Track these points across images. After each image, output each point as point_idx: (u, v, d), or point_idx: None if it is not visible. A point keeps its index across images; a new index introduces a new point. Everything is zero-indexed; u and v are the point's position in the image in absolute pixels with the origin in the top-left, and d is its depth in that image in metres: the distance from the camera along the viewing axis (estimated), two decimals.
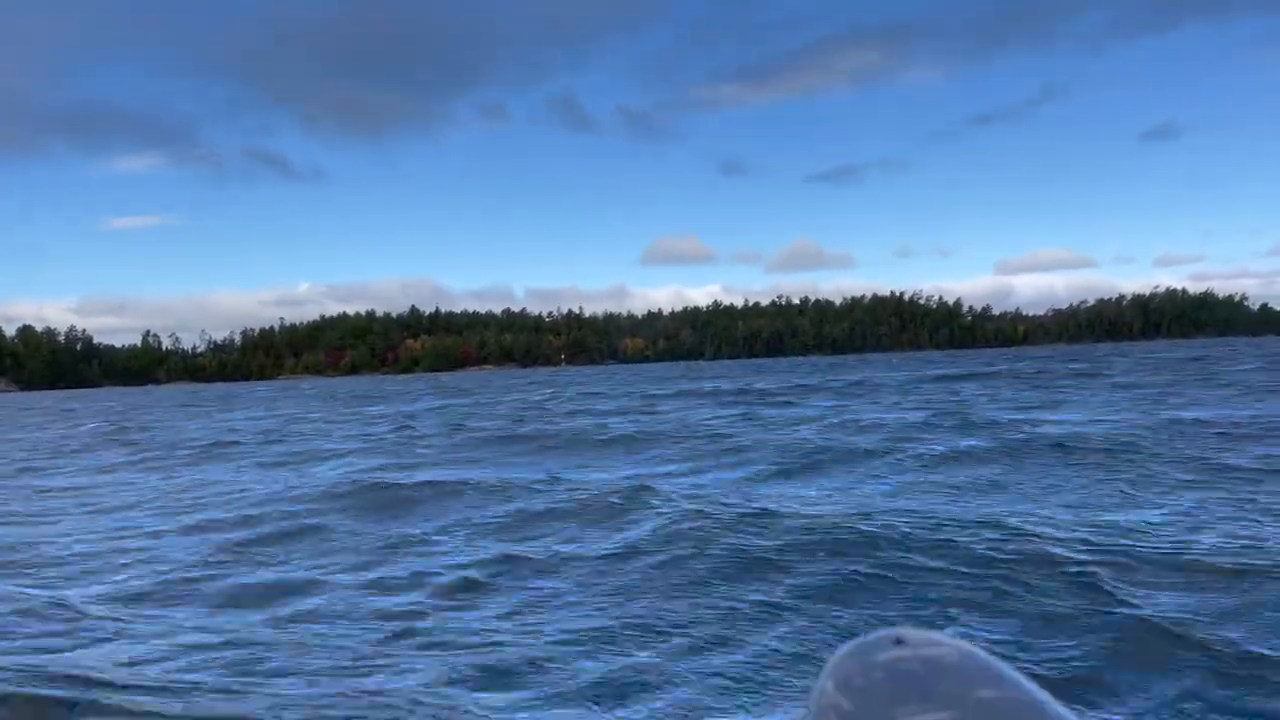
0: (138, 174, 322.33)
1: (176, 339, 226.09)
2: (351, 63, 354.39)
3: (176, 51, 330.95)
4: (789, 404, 26.14)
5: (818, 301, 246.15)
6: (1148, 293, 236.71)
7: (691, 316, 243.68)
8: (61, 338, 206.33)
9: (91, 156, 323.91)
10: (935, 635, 0.75)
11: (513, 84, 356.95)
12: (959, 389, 30.22)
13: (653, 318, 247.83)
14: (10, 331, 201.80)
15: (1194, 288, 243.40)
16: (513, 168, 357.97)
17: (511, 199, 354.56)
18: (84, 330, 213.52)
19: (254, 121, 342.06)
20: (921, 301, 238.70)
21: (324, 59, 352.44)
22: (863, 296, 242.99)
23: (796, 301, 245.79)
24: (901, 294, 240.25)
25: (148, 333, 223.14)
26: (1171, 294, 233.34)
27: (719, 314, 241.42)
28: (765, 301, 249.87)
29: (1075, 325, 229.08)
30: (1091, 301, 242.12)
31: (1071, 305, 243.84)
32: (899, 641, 0.73)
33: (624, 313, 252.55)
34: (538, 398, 38.50)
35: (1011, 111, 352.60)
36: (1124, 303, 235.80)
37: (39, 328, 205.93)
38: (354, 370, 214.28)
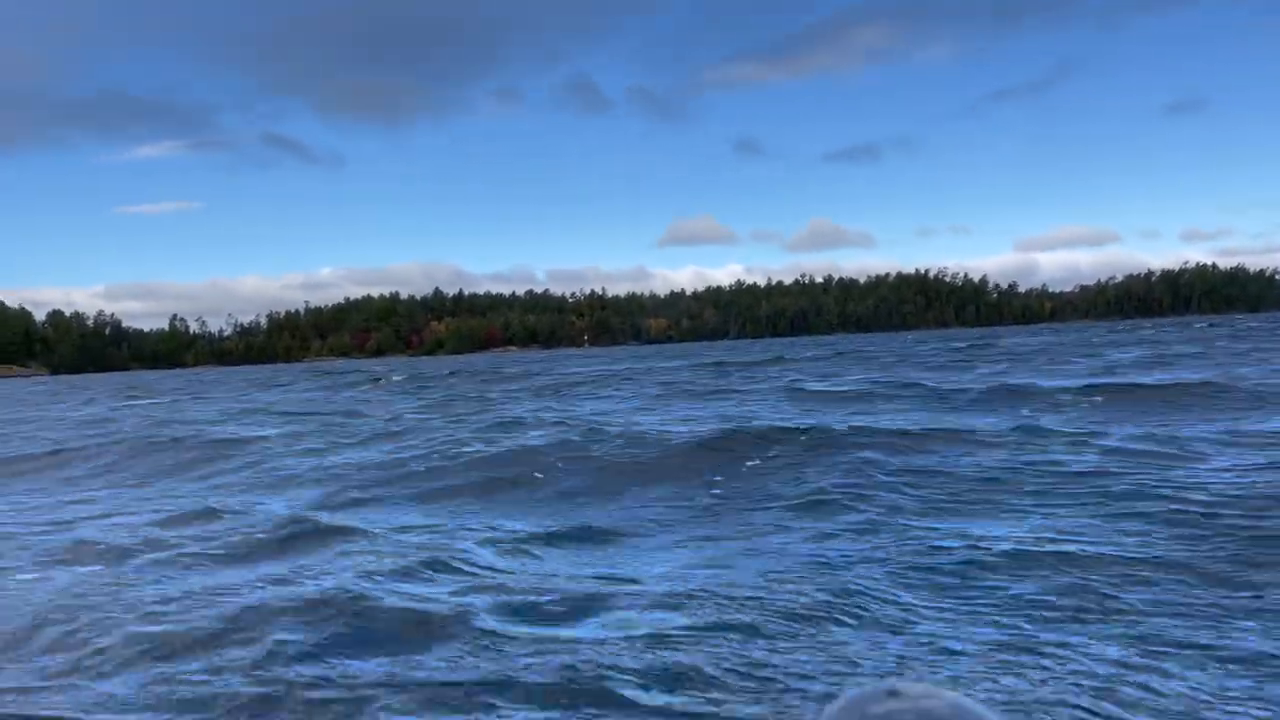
0: (157, 161, 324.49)
1: (204, 323, 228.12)
2: (365, 47, 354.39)
3: (192, 38, 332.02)
4: None
5: (841, 280, 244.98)
6: (1176, 268, 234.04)
7: (714, 296, 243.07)
8: (91, 322, 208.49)
9: (111, 144, 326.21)
10: (930, 688, 0.76)
11: (527, 67, 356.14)
12: None
13: (676, 298, 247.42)
14: (40, 317, 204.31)
15: (1223, 263, 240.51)
16: (529, 150, 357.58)
17: (529, 181, 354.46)
18: (113, 315, 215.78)
19: (270, 107, 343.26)
20: (946, 279, 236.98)
21: (338, 44, 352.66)
22: (886, 275, 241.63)
23: (819, 280, 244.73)
24: (925, 271, 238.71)
25: (175, 316, 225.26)
26: (1201, 269, 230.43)
27: (742, 293, 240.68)
28: (788, 280, 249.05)
29: (1103, 302, 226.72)
30: (1119, 278, 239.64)
31: (1099, 281, 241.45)
32: (893, 694, 0.74)
33: (646, 293, 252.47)
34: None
35: (1029, 87, 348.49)
36: (1153, 279, 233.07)
37: (67, 313, 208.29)
38: (379, 352, 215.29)
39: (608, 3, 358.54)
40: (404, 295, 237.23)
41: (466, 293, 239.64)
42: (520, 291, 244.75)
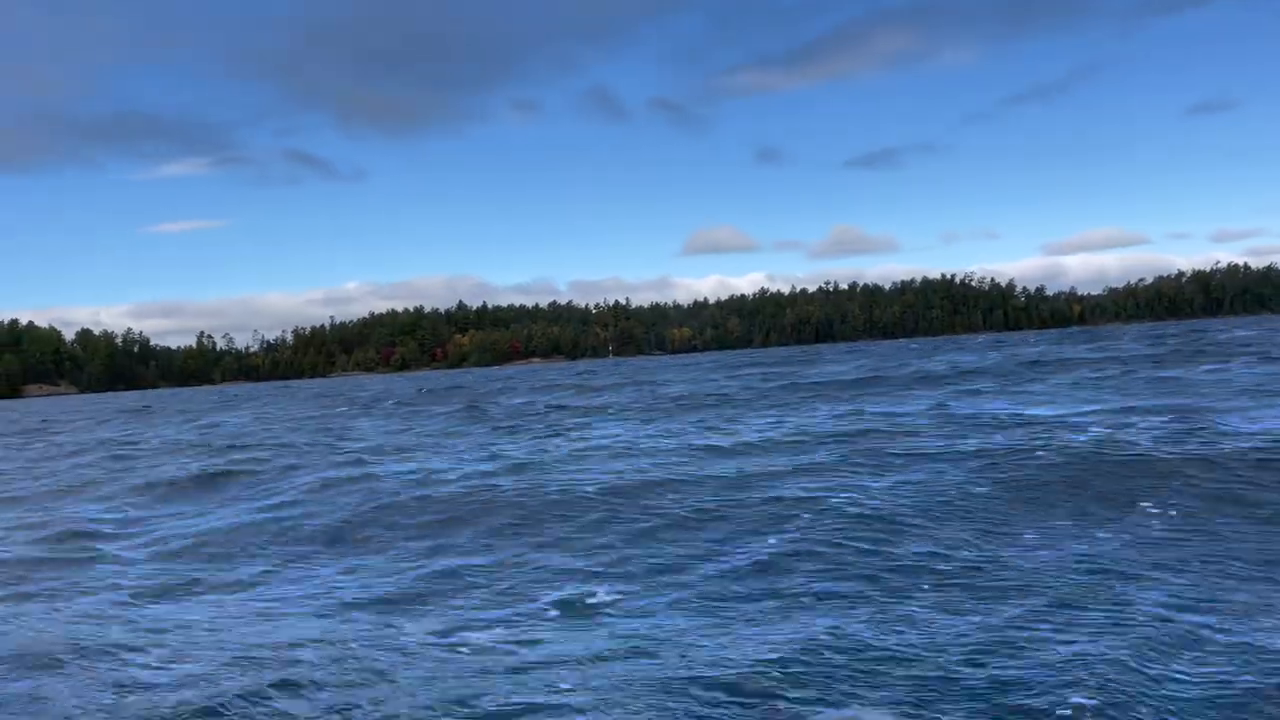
0: (181, 179, 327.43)
1: (230, 339, 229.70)
2: (384, 61, 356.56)
3: (211, 56, 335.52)
4: None
5: (866, 286, 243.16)
6: (1208, 269, 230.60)
7: (738, 305, 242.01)
8: (119, 340, 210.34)
9: (136, 163, 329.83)
10: None
11: (545, 77, 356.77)
12: None
13: (699, 307, 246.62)
14: (69, 335, 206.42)
15: (1255, 263, 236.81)
16: (548, 161, 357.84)
17: (549, 192, 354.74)
18: (140, 333, 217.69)
19: (291, 122, 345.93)
20: (973, 284, 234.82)
21: (357, 58, 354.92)
22: (912, 280, 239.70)
23: (844, 287, 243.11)
24: (952, 276, 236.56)
25: (202, 334, 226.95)
26: (1233, 270, 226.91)
27: (766, 301, 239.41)
28: (812, 288, 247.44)
29: (1134, 304, 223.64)
30: (1149, 280, 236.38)
31: (1129, 284, 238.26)
32: None
33: (669, 303, 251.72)
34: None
35: (1051, 89, 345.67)
36: (1183, 280, 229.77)
37: (96, 331, 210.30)
38: (404, 367, 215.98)
39: (623, 10, 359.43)
40: (427, 309, 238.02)
41: (490, 305, 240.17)
42: (543, 303, 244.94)
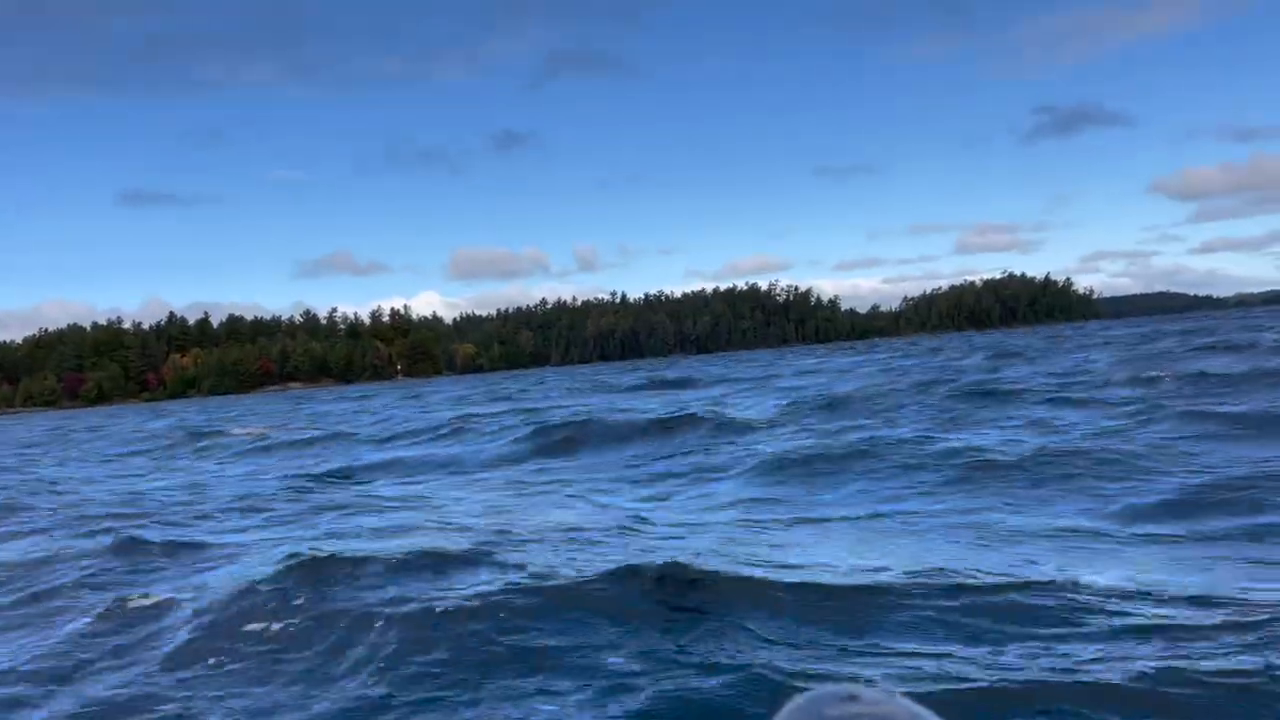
0: None
1: None
2: None
3: None
4: None
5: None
6: None
7: (526, 317, 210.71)
8: None
9: None
10: (888, 694, 0.75)
11: None
12: None
13: (477, 320, 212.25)
14: None
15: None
16: None
17: None
18: None
19: None
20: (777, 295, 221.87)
21: None
22: (717, 288, 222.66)
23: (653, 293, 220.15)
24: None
25: None
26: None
27: (565, 312, 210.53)
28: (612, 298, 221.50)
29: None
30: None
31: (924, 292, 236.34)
32: (851, 698, 0.73)
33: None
34: None
35: None
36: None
37: None
38: (101, 399, 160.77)
39: None
40: (128, 323, 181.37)
41: (225, 317, 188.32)
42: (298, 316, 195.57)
